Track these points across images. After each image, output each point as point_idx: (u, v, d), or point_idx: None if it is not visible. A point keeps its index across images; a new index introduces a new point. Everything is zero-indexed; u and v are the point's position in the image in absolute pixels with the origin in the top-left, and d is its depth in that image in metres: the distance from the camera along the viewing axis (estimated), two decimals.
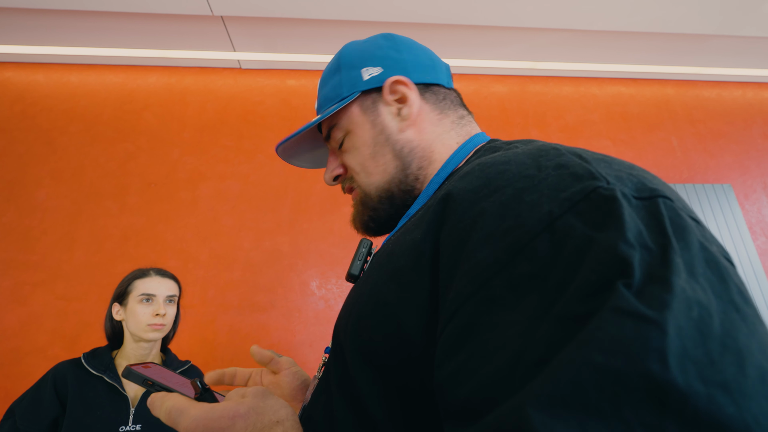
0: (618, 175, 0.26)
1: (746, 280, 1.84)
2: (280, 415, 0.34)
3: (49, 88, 2.06)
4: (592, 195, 0.24)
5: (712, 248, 0.23)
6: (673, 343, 0.18)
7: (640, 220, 0.23)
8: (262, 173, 1.96)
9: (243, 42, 2.02)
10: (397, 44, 0.52)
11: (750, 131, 2.32)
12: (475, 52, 2.16)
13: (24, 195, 1.83)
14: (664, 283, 0.20)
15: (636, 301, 0.19)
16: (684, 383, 0.17)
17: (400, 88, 0.48)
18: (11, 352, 1.58)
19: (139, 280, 1.11)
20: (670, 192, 0.26)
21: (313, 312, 1.74)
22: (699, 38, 2.08)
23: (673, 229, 0.23)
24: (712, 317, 0.19)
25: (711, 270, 0.22)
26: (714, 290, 0.21)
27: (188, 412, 0.32)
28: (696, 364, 0.18)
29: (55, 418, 0.94)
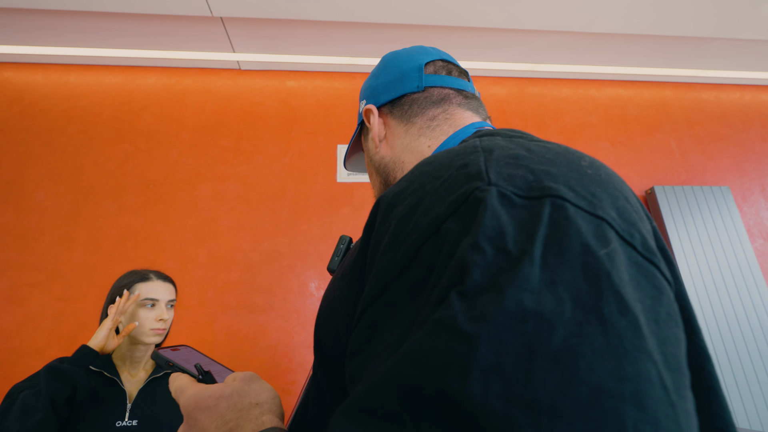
0: (513, 174, 0.25)
1: (744, 282, 1.84)
2: (261, 398, 0.37)
3: (48, 88, 2.06)
4: (470, 197, 0.25)
5: (599, 252, 0.21)
6: (481, 358, 0.18)
7: (514, 221, 0.22)
8: (260, 174, 1.96)
9: (242, 43, 2.02)
10: (379, 69, 0.56)
11: (748, 134, 2.33)
12: (473, 54, 2.17)
13: (22, 195, 1.82)
14: (496, 294, 0.19)
15: (458, 314, 0.19)
16: (480, 400, 0.17)
17: (368, 115, 0.54)
18: (9, 353, 1.58)
19: (141, 284, 1.11)
20: (580, 192, 0.24)
21: (312, 313, 1.73)
22: (697, 41, 2.09)
23: (549, 231, 0.22)
24: (554, 331, 0.18)
25: (585, 277, 0.20)
26: (577, 300, 0.19)
27: (187, 390, 0.38)
28: (505, 380, 0.17)
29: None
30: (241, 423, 0.34)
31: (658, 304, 0.22)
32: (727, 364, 1.69)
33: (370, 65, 2.20)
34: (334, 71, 2.24)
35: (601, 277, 0.20)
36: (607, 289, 0.20)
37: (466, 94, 0.53)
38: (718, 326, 1.76)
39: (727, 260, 1.88)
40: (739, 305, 1.80)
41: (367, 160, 0.56)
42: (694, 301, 1.80)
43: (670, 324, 0.22)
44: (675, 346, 0.21)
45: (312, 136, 2.07)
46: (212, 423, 0.35)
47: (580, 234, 0.22)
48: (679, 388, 0.19)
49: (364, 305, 0.27)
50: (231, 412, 0.35)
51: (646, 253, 0.24)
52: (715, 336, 1.74)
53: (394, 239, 0.27)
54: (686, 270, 1.85)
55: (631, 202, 0.28)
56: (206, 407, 0.36)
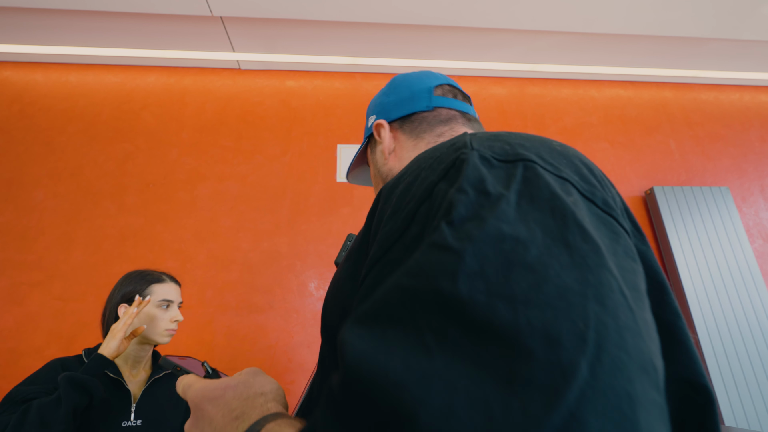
0: (492, 145, 0.31)
1: (743, 283, 1.84)
2: (265, 388, 0.39)
3: (48, 87, 2.06)
4: (456, 161, 0.30)
5: (568, 199, 0.26)
6: (467, 266, 0.22)
7: (493, 175, 0.27)
8: (260, 174, 1.96)
9: (242, 42, 2.02)
10: (389, 88, 0.62)
11: (747, 134, 2.33)
12: (474, 54, 2.17)
13: (22, 195, 1.82)
14: (480, 222, 0.24)
15: (447, 236, 0.24)
16: (467, 295, 0.21)
17: (379, 129, 0.59)
18: (8, 353, 1.58)
19: (157, 285, 1.12)
20: (548, 159, 0.30)
21: (311, 313, 1.73)
22: (696, 41, 2.09)
23: (522, 184, 0.26)
24: (528, 250, 0.22)
25: (553, 216, 0.24)
26: (546, 231, 0.23)
27: (194, 385, 0.40)
28: (487, 282, 0.21)
29: None
30: (247, 410, 0.35)
31: (616, 243, 0.26)
32: (726, 365, 1.69)
33: (370, 65, 2.20)
34: (334, 71, 2.24)
35: (566, 215, 0.25)
36: (572, 224, 0.24)
37: (468, 116, 0.57)
38: (717, 327, 1.76)
39: (726, 261, 1.88)
40: (738, 306, 1.80)
41: (374, 172, 0.60)
42: (694, 301, 1.80)
43: (627, 259, 0.26)
44: (632, 273, 0.25)
45: (312, 135, 2.07)
46: (219, 412, 0.36)
47: (549, 185, 0.27)
48: (637, 302, 0.23)
49: (368, 267, 0.31)
50: (237, 401, 0.37)
51: (605, 208, 0.28)
52: (714, 336, 1.74)
53: (395, 210, 0.32)
54: (686, 270, 1.85)
55: (595, 174, 0.32)
56: (213, 398, 0.38)
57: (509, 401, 0.17)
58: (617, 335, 0.20)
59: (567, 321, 0.19)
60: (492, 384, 0.18)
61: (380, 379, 0.19)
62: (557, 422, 0.16)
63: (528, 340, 0.19)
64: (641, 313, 0.23)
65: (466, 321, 0.20)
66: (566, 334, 0.19)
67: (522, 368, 0.18)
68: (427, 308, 0.21)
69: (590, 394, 0.17)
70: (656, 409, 0.19)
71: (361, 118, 2.14)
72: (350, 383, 0.21)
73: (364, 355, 0.21)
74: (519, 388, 0.17)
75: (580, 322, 0.19)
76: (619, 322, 0.20)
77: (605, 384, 0.18)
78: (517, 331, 0.19)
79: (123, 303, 1.10)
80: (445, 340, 0.20)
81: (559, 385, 0.17)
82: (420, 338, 0.20)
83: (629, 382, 0.19)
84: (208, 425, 0.36)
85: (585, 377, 0.18)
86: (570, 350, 0.18)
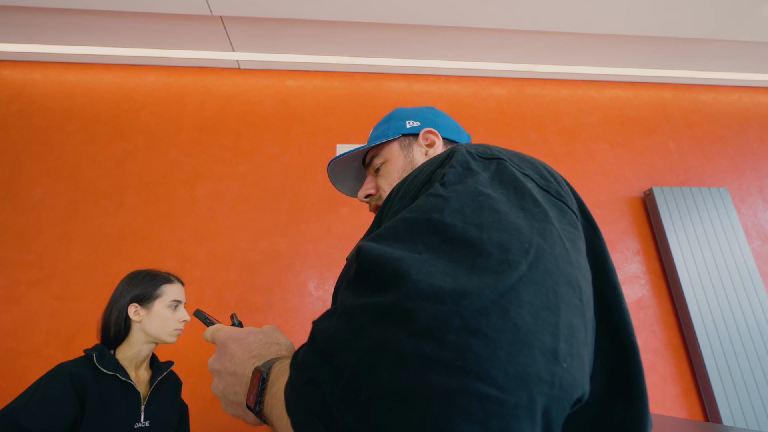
0: (477, 147, 0.42)
1: (742, 284, 1.85)
2: (281, 341, 0.47)
3: (47, 86, 2.05)
4: (451, 154, 0.41)
5: (527, 184, 0.35)
6: (451, 205, 0.31)
7: (476, 163, 0.38)
8: (260, 174, 1.96)
9: (242, 42, 2.02)
10: (434, 113, 0.75)
11: (746, 135, 2.34)
12: (473, 54, 2.17)
13: (21, 194, 1.82)
14: (462, 184, 0.34)
15: (440, 190, 0.34)
16: (450, 222, 0.29)
17: (431, 136, 0.70)
18: (6, 352, 1.57)
19: (168, 286, 1.14)
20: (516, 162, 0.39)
21: (311, 313, 1.73)
22: (695, 42, 2.10)
23: (496, 172, 0.37)
24: (495, 203, 0.31)
25: (515, 191, 0.34)
26: (508, 198, 0.33)
27: (222, 329, 0.49)
28: (465, 215, 0.30)
29: (73, 416, 0.94)
30: (263, 353, 0.43)
31: (562, 216, 0.35)
32: (725, 366, 1.70)
33: (369, 65, 2.20)
34: (334, 71, 2.24)
35: (525, 191, 0.34)
36: (528, 196, 0.34)
37: None
38: (716, 327, 1.76)
39: (725, 261, 1.89)
40: (737, 306, 1.80)
41: (402, 165, 0.69)
42: (692, 302, 1.80)
43: (570, 227, 0.34)
44: (573, 235, 0.34)
45: (311, 135, 2.07)
46: (240, 350, 0.44)
47: (513, 174, 0.36)
48: (573, 249, 0.31)
49: None
50: (256, 345, 0.45)
51: (557, 196, 0.37)
52: (713, 337, 1.74)
53: (403, 194, 0.42)
54: (684, 271, 1.86)
55: (555, 176, 0.41)
56: (237, 338, 0.46)
57: (470, 276, 0.25)
58: (552, 257, 0.28)
59: (516, 241, 0.28)
60: (461, 269, 0.26)
61: (385, 257, 0.28)
62: (501, 288, 0.24)
63: (488, 246, 0.27)
64: (575, 255, 0.31)
65: (447, 237, 0.29)
66: (515, 247, 0.27)
67: (481, 261, 0.26)
68: (421, 230, 0.30)
69: (526, 280, 0.25)
70: (577, 310, 0.27)
71: (361, 117, 2.14)
72: (364, 263, 0.29)
73: (374, 248, 0.29)
74: (479, 270, 0.25)
75: (526, 243, 0.28)
76: (555, 251, 0.29)
77: (538, 279, 0.26)
78: (481, 241, 0.27)
79: (134, 302, 1.11)
80: (432, 248, 0.28)
81: (505, 270, 0.25)
82: (415, 247, 0.29)
83: (556, 284, 0.26)
84: (229, 360, 0.44)
85: (523, 271, 0.26)
86: (516, 255, 0.27)
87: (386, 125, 0.74)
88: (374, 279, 0.27)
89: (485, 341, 0.22)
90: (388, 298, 0.25)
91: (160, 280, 1.15)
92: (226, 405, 0.44)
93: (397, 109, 0.77)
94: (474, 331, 0.22)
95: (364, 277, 0.28)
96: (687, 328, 1.80)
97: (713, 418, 1.66)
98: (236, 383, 0.42)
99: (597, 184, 2.11)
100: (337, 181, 0.81)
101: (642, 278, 1.94)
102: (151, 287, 1.13)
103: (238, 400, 0.42)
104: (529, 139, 2.19)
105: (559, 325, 0.24)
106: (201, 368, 1.61)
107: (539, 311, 0.24)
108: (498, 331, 0.22)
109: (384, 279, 0.26)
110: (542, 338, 0.23)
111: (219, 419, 1.55)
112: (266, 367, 0.38)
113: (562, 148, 2.19)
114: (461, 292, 0.23)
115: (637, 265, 1.96)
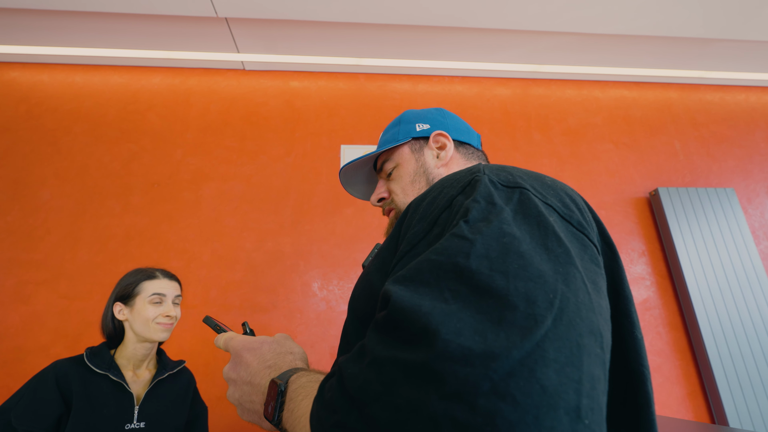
0: (499, 173, 0.41)
1: (749, 285, 1.83)
2: (294, 350, 0.48)
3: (54, 88, 2.07)
4: (472, 181, 0.40)
5: (550, 218, 0.35)
6: (477, 249, 0.31)
7: (498, 194, 0.37)
8: (264, 174, 1.97)
9: (247, 43, 2.03)
10: (443, 114, 0.75)
11: (753, 135, 2.32)
12: (478, 55, 2.17)
13: (28, 194, 1.84)
14: (488, 222, 0.34)
15: (465, 230, 0.33)
16: (476, 268, 0.29)
17: (441, 139, 0.69)
18: (14, 351, 1.59)
19: (148, 282, 1.11)
20: (539, 189, 0.39)
21: (315, 313, 1.74)
22: (702, 42, 2.08)
23: (518, 204, 0.36)
24: (520, 244, 0.31)
25: (538, 227, 0.34)
26: (532, 237, 0.33)
27: (236, 338, 0.51)
28: (491, 261, 0.30)
29: (58, 417, 0.93)
30: (278, 363, 0.45)
31: (584, 252, 0.35)
32: (732, 367, 1.68)
33: (373, 66, 2.20)
34: (338, 72, 2.25)
35: (548, 227, 0.34)
36: (551, 233, 0.34)
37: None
38: (723, 329, 1.75)
39: (732, 263, 1.87)
40: (744, 308, 1.79)
41: (414, 168, 0.69)
42: (699, 303, 1.79)
43: (591, 264, 0.35)
44: (594, 273, 0.34)
45: (316, 136, 2.08)
46: (255, 359, 0.46)
47: (537, 206, 0.36)
48: (594, 292, 0.32)
49: (397, 258, 0.40)
50: (271, 354, 0.46)
51: (578, 227, 0.38)
52: (720, 338, 1.73)
53: (422, 216, 0.41)
54: (690, 272, 1.84)
55: (576, 201, 0.41)
56: (252, 348, 0.47)
57: (498, 332, 0.25)
58: (575, 306, 0.28)
59: (542, 291, 0.28)
60: (488, 323, 0.26)
61: (415, 310, 0.28)
62: (528, 347, 0.24)
63: (514, 299, 0.27)
64: (597, 298, 0.31)
65: (473, 285, 0.29)
66: (540, 298, 0.27)
67: (508, 315, 0.26)
68: (447, 276, 0.30)
69: (551, 336, 0.25)
70: (598, 359, 0.27)
71: (365, 118, 2.15)
72: (393, 313, 0.29)
73: (403, 298, 0.30)
74: (505, 325, 0.26)
75: (551, 293, 0.28)
76: (578, 299, 0.29)
77: (562, 333, 0.26)
78: (507, 293, 0.27)
79: (117, 301, 1.11)
80: (458, 296, 0.28)
81: (531, 326, 0.25)
82: (441, 294, 0.29)
83: (579, 336, 0.27)
84: (245, 369, 0.46)
85: (549, 326, 0.26)
86: (542, 308, 0.27)
87: (396, 129, 0.74)
88: (404, 331, 0.28)
89: (514, 406, 0.22)
90: (419, 356, 0.25)
91: (140, 277, 1.12)
92: (242, 412, 0.46)
93: (406, 112, 0.76)
94: (503, 395, 0.23)
95: (394, 327, 0.29)
96: (693, 329, 1.79)
97: (720, 420, 1.65)
98: (252, 392, 0.44)
99: (602, 185, 2.10)
100: (348, 184, 0.82)
101: (647, 279, 1.93)
102: (130, 284, 1.11)
103: (255, 408, 0.43)
104: (533, 139, 2.19)
105: (582, 381, 0.25)
106: (205, 368, 1.61)
107: (564, 368, 0.24)
108: (526, 395, 0.23)
109: (414, 333, 0.27)
110: (566, 397, 0.23)
111: (224, 419, 1.56)
112: (283, 379, 0.40)
113: (567, 149, 2.18)
114: (490, 354, 0.24)
115: (643, 266, 1.95)
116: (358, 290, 0.50)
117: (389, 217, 0.72)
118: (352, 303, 0.51)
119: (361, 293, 0.48)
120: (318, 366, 1.65)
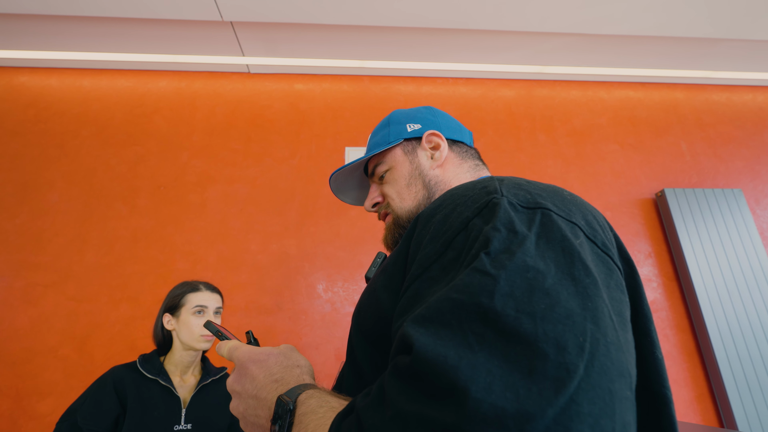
0: (517, 193, 0.39)
1: (757, 286, 1.81)
2: (300, 362, 0.47)
3: (62, 92, 2.10)
4: (490, 203, 0.38)
5: (575, 242, 0.34)
6: (501, 287, 0.29)
7: (519, 218, 0.35)
8: (269, 176, 1.98)
9: (252, 47, 2.04)
10: (434, 113, 0.73)
11: (761, 136, 2.29)
12: (482, 57, 2.17)
13: (37, 197, 1.86)
14: (510, 254, 0.32)
15: (486, 264, 0.31)
16: (501, 310, 0.28)
17: (435, 139, 0.67)
18: (22, 352, 1.61)
19: (191, 294, 1.20)
20: (561, 207, 0.38)
21: (320, 315, 1.74)
22: (709, 42, 2.07)
23: (540, 227, 0.35)
24: (545, 279, 0.30)
25: (564, 255, 0.32)
26: (558, 266, 0.31)
27: (241, 348, 0.49)
28: (516, 300, 0.28)
29: (116, 417, 1.04)
30: (285, 377, 0.43)
31: (609, 278, 0.34)
32: (740, 369, 1.67)
33: (377, 68, 2.21)
34: (342, 74, 2.25)
35: (573, 254, 0.33)
36: (578, 261, 0.32)
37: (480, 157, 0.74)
38: (731, 330, 1.73)
39: (739, 264, 1.85)
40: (752, 309, 1.77)
41: (409, 171, 0.67)
42: (706, 304, 1.77)
43: (617, 291, 0.34)
44: (620, 303, 0.33)
45: (320, 138, 2.09)
46: (261, 373, 0.44)
47: (561, 229, 0.34)
48: (621, 325, 0.31)
49: (409, 282, 0.38)
50: (277, 368, 0.45)
51: (603, 248, 0.37)
52: (727, 340, 1.71)
53: (434, 236, 0.39)
54: (698, 274, 1.83)
55: (598, 219, 0.40)
56: (258, 360, 0.45)
57: (530, 386, 0.24)
58: (605, 348, 0.27)
59: (571, 334, 0.27)
60: (518, 374, 0.25)
61: (440, 362, 0.26)
62: (562, 403, 0.23)
63: (544, 345, 0.26)
64: (624, 333, 0.31)
65: (499, 329, 0.27)
66: (570, 343, 0.26)
67: (539, 365, 0.25)
68: (470, 317, 0.28)
69: (584, 386, 0.25)
70: (628, 403, 0.27)
71: (369, 120, 2.15)
72: (417, 364, 0.27)
73: (426, 346, 0.28)
74: (537, 377, 0.24)
75: (580, 336, 0.27)
76: (608, 338, 0.28)
77: (595, 381, 0.25)
78: (536, 338, 0.26)
79: (166, 312, 1.20)
80: (484, 342, 0.27)
81: (564, 378, 0.24)
82: (465, 339, 0.27)
83: (611, 381, 0.26)
84: (250, 382, 0.44)
85: (581, 375, 0.25)
86: (573, 355, 0.26)
87: (386, 130, 0.71)
88: (429, 384, 0.26)
89: None
90: (449, 417, 0.24)
91: (186, 290, 1.21)
92: (245, 425, 0.44)
93: (394, 112, 0.74)
94: None
95: (419, 378, 0.27)
96: (700, 331, 1.78)
97: (728, 423, 1.63)
98: (258, 406, 0.42)
99: (607, 186, 2.09)
100: (340, 191, 0.79)
101: (654, 281, 1.91)
102: (177, 296, 1.20)
103: (260, 422, 0.42)
104: (538, 141, 2.18)
105: (615, 431, 0.24)
106: None
107: (598, 421, 0.24)
108: None
109: (441, 388, 0.26)
110: None
111: None
112: (291, 397, 0.39)
113: (572, 150, 2.17)
114: (524, 414, 0.23)
115: (650, 267, 1.94)
116: (364, 305, 0.48)
117: (386, 222, 0.69)
118: (357, 317, 0.49)
119: (367, 310, 0.47)
120: (322, 368, 1.65)
